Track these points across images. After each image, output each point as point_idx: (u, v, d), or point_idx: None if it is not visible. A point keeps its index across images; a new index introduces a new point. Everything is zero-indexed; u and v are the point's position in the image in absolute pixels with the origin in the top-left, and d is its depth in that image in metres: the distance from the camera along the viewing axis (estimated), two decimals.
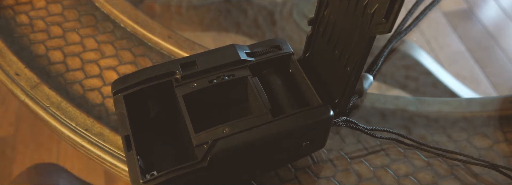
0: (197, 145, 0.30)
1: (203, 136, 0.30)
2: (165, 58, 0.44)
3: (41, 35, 0.46)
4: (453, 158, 0.37)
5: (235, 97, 0.35)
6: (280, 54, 0.35)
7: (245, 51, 0.35)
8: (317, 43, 0.35)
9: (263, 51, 0.35)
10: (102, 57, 0.44)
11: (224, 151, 0.30)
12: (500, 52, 0.92)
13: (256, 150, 0.31)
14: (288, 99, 0.34)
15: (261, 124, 0.31)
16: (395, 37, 0.50)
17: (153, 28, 0.46)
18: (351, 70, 0.31)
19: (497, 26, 1.00)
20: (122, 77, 0.34)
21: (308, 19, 0.34)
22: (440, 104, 0.42)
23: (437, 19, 0.94)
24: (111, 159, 0.37)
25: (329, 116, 0.32)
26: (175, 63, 0.34)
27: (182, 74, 0.33)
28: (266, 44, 0.36)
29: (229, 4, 0.63)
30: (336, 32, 0.32)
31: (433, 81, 0.58)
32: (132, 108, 0.33)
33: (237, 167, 0.33)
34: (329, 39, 0.33)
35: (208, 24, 0.61)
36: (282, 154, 0.34)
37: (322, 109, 0.32)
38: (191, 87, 0.33)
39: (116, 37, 0.46)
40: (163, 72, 0.34)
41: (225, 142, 0.30)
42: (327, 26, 0.33)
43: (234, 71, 0.34)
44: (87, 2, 0.49)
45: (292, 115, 0.32)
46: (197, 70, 0.34)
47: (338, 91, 0.34)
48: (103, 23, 0.47)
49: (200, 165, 0.29)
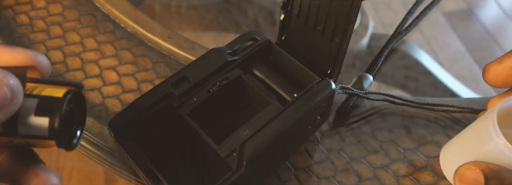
0: (226, 155, 0.30)
1: (227, 145, 0.30)
2: (165, 58, 0.44)
3: (41, 35, 0.46)
4: (440, 110, 0.40)
5: (237, 97, 0.35)
6: (260, 45, 0.35)
7: (227, 51, 0.35)
8: (292, 25, 0.35)
9: (244, 47, 0.35)
10: (102, 57, 0.44)
11: (255, 151, 0.30)
12: (500, 52, 0.91)
13: (280, 140, 0.31)
14: (285, 84, 0.35)
15: (276, 115, 0.31)
16: (395, 37, 0.50)
17: (153, 28, 0.46)
18: (340, 39, 0.32)
19: (497, 26, 1.00)
20: (118, 115, 0.32)
21: (280, 4, 0.34)
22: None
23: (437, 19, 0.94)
24: (111, 159, 0.37)
25: (332, 88, 0.33)
26: (167, 83, 0.33)
27: (179, 93, 0.33)
28: (243, 39, 0.36)
29: (229, 4, 0.63)
30: (313, 11, 0.32)
31: (433, 81, 0.58)
32: (140, 143, 0.32)
33: (269, 161, 0.33)
34: (307, 18, 0.33)
35: (208, 24, 0.61)
36: (300, 136, 0.35)
37: (324, 83, 0.33)
38: (192, 103, 0.33)
39: (116, 37, 0.46)
40: (158, 97, 0.32)
41: (252, 143, 0.30)
42: (302, 7, 0.33)
43: (226, 74, 0.34)
44: (87, 2, 0.49)
45: (300, 97, 0.32)
46: (191, 84, 0.33)
47: (328, 64, 0.34)
48: (103, 23, 0.47)
49: (239, 172, 0.29)
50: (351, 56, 0.57)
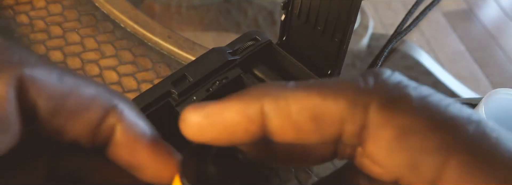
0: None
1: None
2: (165, 58, 0.44)
3: (41, 35, 0.46)
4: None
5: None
6: (260, 45, 0.35)
7: (228, 51, 0.35)
8: (293, 26, 0.35)
9: (244, 47, 0.35)
10: (102, 57, 0.44)
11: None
12: (500, 52, 0.92)
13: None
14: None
15: None
16: (395, 37, 0.50)
17: (153, 28, 0.46)
18: (341, 39, 0.32)
19: (497, 26, 1.00)
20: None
21: (281, 4, 0.34)
22: None
23: (437, 19, 0.94)
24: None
25: None
26: (167, 82, 0.33)
27: (178, 92, 0.32)
28: (243, 39, 0.36)
29: (229, 4, 0.63)
30: (314, 11, 0.32)
31: (433, 81, 0.58)
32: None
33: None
34: (307, 18, 0.33)
35: (208, 24, 0.61)
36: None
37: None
38: (191, 102, 0.32)
39: (116, 37, 0.46)
40: (158, 95, 0.32)
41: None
42: (302, 7, 0.33)
43: (226, 74, 0.34)
44: (87, 2, 0.49)
45: None
46: (191, 83, 0.33)
47: (329, 64, 0.34)
48: (103, 23, 0.47)
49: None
50: (351, 56, 0.57)
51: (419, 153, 0.15)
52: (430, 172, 0.15)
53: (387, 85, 0.16)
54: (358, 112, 0.16)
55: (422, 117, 0.15)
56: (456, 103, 0.16)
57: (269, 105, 0.17)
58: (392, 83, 0.16)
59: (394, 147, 0.16)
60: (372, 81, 0.16)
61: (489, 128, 0.15)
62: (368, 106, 0.16)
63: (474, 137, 0.15)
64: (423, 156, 0.15)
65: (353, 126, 0.16)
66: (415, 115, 0.15)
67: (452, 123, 0.15)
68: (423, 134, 0.15)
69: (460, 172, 0.15)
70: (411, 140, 0.15)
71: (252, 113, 0.17)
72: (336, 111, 0.16)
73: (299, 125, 0.16)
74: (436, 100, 0.16)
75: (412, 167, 0.15)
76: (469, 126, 0.15)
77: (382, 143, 0.16)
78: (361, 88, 0.16)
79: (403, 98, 0.16)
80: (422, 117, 0.15)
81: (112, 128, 0.18)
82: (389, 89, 0.16)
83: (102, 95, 0.18)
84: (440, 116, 0.15)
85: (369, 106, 0.16)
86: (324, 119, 0.16)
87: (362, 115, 0.16)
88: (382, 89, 0.16)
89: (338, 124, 0.16)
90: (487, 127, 0.15)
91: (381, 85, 0.16)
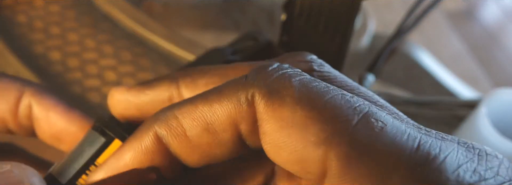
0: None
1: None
2: (164, 58, 0.44)
3: (40, 35, 0.46)
4: (440, 108, 0.40)
5: None
6: (261, 45, 0.35)
7: (228, 51, 0.35)
8: (293, 26, 0.35)
9: (245, 47, 0.35)
10: (101, 57, 0.44)
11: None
12: (500, 52, 0.92)
13: None
14: None
15: None
16: (395, 37, 0.50)
17: (153, 28, 0.46)
18: (341, 39, 0.32)
19: (497, 26, 1.00)
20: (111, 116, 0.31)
21: (282, 4, 0.34)
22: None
23: (437, 19, 0.94)
24: None
25: None
26: None
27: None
28: (243, 39, 0.36)
29: (229, 4, 0.62)
30: (314, 11, 0.32)
31: (433, 81, 0.58)
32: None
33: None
34: (308, 19, 0.33)
35: (208, 24, 0.61)
36: None
37: None
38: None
39: (116, 37, 0.46)
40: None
41: None
42: (303, 7, 0.33)
43: None
44: (86, 2, 0.49)
45: None
46: None
47: (329, 64, 0.34)
48: (102, 23, 0.47)
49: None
50: (351, 56, 0.57)
51: (302, 147, 0.14)
52: (316, 167, 0.14)
53: (270, 77, 0.15)
54: (244, 108, 0.15)
55: (302, 108, 0.14)
56: (344, 92, 0.15)
57: (161, 129, 0.15)
58: (275, 75, 0.15)
59: (279, 142, 0.14)
60: (255, 75, 0.15)
61: (375, 118, 0.14)
62: (252, 100, 0.15)
63: (356, 128, 0.14)
64: (307, 151, 0.14)
65: (247, 124, 0.15)
66: (294, 106, 0.14)
67: (333, 114, 0.14)
68: (303, 126, 0.14)
69: (341, 166, 0.13)
70: (293, 133, 0.14)
71: (148, 145, 0.16)
72: (224, 113, 0.15)
73: (196, 141, 0.15)
74: (320, 90, 0.15)
75: (300, 163, 0.14)
76: (352, 116, 0.14)
77: (268, 138, 0.15)
78: (242, 83, 0.15)
79: (284, 89, 0.14)
80: (302, 107, 0.14)
81: (29, 107, 0.20)
82: (272, 81, 0.15)
83: (17, 81, 0.20)
84: (321, 107, 0.14)
85: (253, 100, 0.15)
86: (216, 126, 0.15)
87: (250, 111, 0.15)
88: (264, 82, 0.15)
89: (231, 126, 0.15)
90: (372, 117, 0.14)
91: (263, 78, 0.15)
